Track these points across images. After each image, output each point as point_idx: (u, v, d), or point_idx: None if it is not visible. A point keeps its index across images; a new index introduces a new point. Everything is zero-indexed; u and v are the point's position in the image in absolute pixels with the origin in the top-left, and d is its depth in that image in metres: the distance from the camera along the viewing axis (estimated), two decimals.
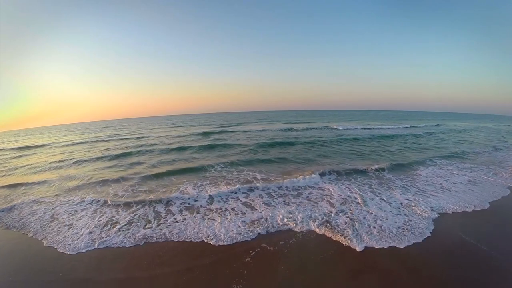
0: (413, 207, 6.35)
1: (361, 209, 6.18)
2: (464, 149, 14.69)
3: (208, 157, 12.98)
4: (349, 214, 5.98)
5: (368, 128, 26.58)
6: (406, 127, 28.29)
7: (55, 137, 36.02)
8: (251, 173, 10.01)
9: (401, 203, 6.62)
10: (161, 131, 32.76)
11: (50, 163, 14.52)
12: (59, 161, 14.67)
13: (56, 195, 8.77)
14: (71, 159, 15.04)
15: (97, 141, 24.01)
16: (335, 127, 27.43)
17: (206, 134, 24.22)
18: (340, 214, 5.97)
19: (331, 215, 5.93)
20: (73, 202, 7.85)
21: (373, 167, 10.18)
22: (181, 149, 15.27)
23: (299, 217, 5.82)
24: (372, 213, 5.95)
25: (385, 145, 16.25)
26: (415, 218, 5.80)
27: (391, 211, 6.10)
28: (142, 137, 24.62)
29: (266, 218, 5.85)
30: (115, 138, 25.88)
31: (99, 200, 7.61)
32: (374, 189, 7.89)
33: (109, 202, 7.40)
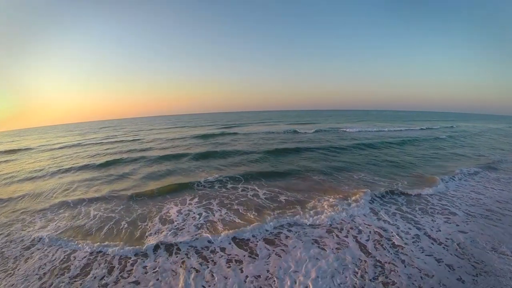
0: (479, 251, 4.54)
1: (410, 262, 4.24)
2: (495, 156, 12.98)
3: (204, 168, 11.16)
4: (391, 277, 3.82)
5: (382, 130, 24.51)
6: (422, 128, 26.29)
7: (50, 138, 34.84)
8: (253, 192, 8.23)
9: (458, 243, 4.86)
10: (159, 132, 31.27)
11: (30, 172, 12.98)
12: (40, 170, 13.13)
13: (17, 219, 7.10)
14: (53, 166, 13.53)
15: (89, 144, 22.56)
16: (345, 129, 25.25)
17: (205, 137, 22.57)
18: (376, 279, 3.83)
19: (364, 280, 3.81)
20: (29, 235, 6.09)
21: (401, 182, 8.54)
22: (175, 156, 13.49)
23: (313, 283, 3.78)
24: (431, 275, 3.83)
25: (410, 151, 14.23)
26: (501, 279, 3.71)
27: (459, 265, 4.12)
28: (137, 140, 23.10)
29: (268, 278, 3.96)
30: (109, 140, 24.38)
31: (60, 233, 5.96)
32: (409, 215, 6.15)
33: (70, 237, 5.76)
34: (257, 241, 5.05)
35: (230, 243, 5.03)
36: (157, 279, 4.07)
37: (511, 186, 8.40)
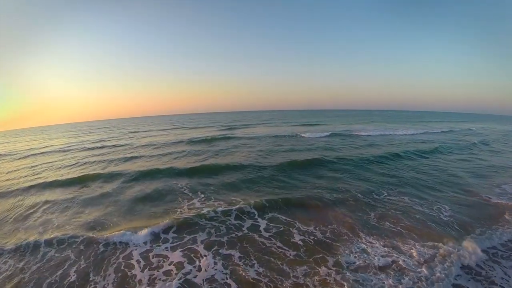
0: None
1: None
2: None
3: (193, 187, 8.84)
4: None
5: (402, 134, 21.77)
6: (443, 131, 23.86)
7: (43, 140, 33.35)
8: (251, 223, 6.16)
9: None
10: (155, 134, 29.34)
11: None
12: (2, 186, 10.97)
13: None
14: (22, 181, 11.39)
15: (77, 149, 20.64)
16: (361, 133, 22.38)
17: (203, 141, 20.42)
18: None
19: None
20: None
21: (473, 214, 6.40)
22: (161, 172, 10.86)
23: None
24: None
25: (453, 162, 11.79)
26: None
27: None
28: (128, 144, 21.03)
29: None
30: (99, 145, 22.26)
31: None
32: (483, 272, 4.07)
33: None
34: None
35: None
36: None
37: None
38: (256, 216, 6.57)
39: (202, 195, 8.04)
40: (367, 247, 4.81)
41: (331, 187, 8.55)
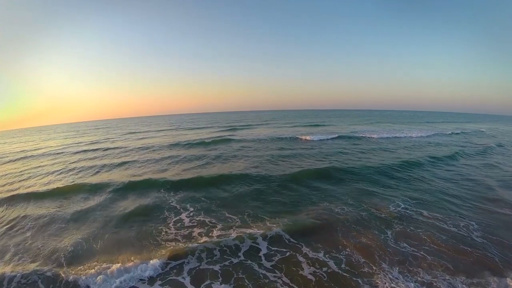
0: None
1: None
2: None
3: (182, 201, 7.81)
4: None
5: (412, 137, 20.54)
6: (454, 133, 22.79)
7: (37, 141, 32.54)
8: (250, 246, 5.23)
9: None
10: (152, 136, 28.43)
11: None
12: None
13: None
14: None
15: (67, 152, 19.62)
16: (369, 135, 21.12)
17: (201, 144, 19.37)
18: None
19: None
20: None
21: None
22: (150, 184, 9.61)
23: None
24: None
25: (470, 170, 10.74)
26: None
27: None
28: (122, 148, 20.02)
29: None
30: (92, 147, 21.23)
31: None
32: None
33: None
34: None
35: None
36: None
37: None
38: (256, 235, 5.66)
39: (194, 211, 7.07)
40: (395, 286, 3.86)
41: (340, 199, 7.62)
